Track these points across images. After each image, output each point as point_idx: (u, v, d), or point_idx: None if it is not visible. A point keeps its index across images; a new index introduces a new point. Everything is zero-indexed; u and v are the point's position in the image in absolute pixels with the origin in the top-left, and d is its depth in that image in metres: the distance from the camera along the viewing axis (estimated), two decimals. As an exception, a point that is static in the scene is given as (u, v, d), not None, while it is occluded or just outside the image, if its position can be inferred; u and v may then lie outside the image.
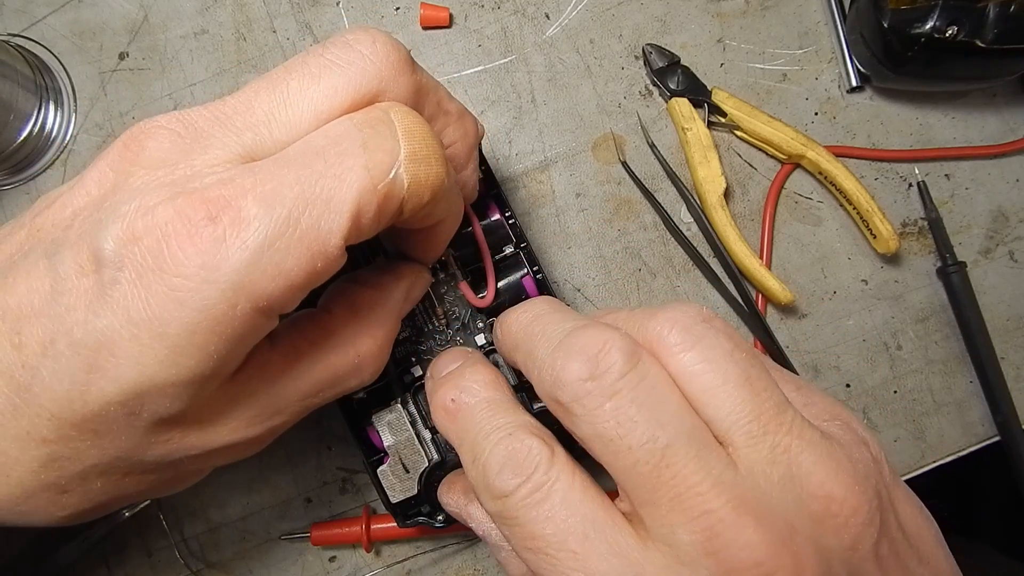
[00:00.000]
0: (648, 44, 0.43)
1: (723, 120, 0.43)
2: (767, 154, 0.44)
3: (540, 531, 0.22)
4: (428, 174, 0.23)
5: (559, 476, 0.22)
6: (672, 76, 0.43)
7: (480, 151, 0.34)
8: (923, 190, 0.43)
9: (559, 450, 0.23)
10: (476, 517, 0.29)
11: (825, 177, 0.43)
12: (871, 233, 0.42)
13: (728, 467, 0.21)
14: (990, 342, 0.43)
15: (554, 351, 0.23)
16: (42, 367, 0.22)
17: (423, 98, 0.26)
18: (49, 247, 0.23)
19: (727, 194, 0.43)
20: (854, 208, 0.42)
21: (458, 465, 0.34)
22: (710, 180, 0.42)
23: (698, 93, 0.43)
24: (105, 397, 0.22)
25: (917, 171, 0.44)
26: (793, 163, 0.43)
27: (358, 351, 0.27)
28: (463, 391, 0.26)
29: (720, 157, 0.43)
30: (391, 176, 0.22)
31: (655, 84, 0.44)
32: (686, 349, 0.22)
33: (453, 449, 0.33)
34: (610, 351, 0.22)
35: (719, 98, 0.43)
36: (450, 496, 0.31)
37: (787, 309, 0.43)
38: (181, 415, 0.23)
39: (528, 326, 0.26)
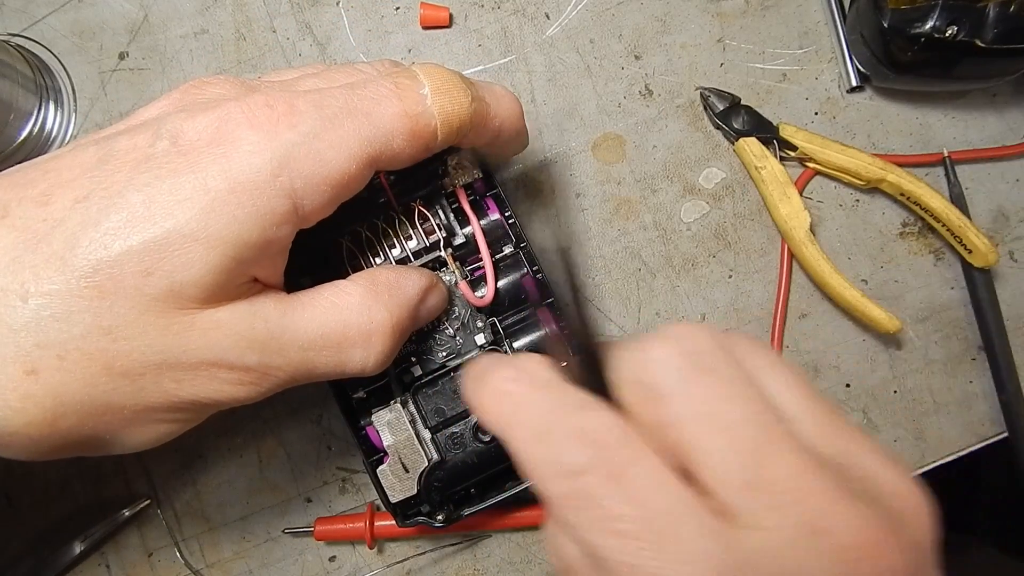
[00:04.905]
0: (703, 88, 0.43)
1: (792, 154, 0.43)
2: (843, 183, 0.43)
3: (623, 512, 0.20)
4: (453, 104, 0.27)
5: (642, 453, 0.20)
6: (736, 117, 0.43)
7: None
8: (948, 166, 0.43)
9: (633, 427, 0.21)
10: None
11: (908, 198, 0.42)
12: (965, 248, 0.41)
13: (817, 456, 0.20)
14: (1006, 339, 0.43)
15: (619, 364, 0.23)
16: (68, 218, 0.23)
17: (480, 118, 0.29)
18: (101, 142, 0.25)
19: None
20: (943, 225, 0.42)
21: (457, 464, 0.34)
22: (794, 216, 0.41)
23: (764, 130, 0.43)
24: (127, 245, 0.23)
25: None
26: (873, 188, 0.43)
27: (371, 317, 0.27)
28: (522, 371, 0.24)
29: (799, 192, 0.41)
30: (420, 110, 0.26)
31: (718, 127, 0.43)
32: (746, 356, 0.23)
33: (453, 448, 0.34)
34: (697, 331, 0.22)
35: (787, 133, 0.42)
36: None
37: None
38: (187, 293, 0.23)
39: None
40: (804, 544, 0.19)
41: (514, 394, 0.23)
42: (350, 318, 0.27)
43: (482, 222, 0.34)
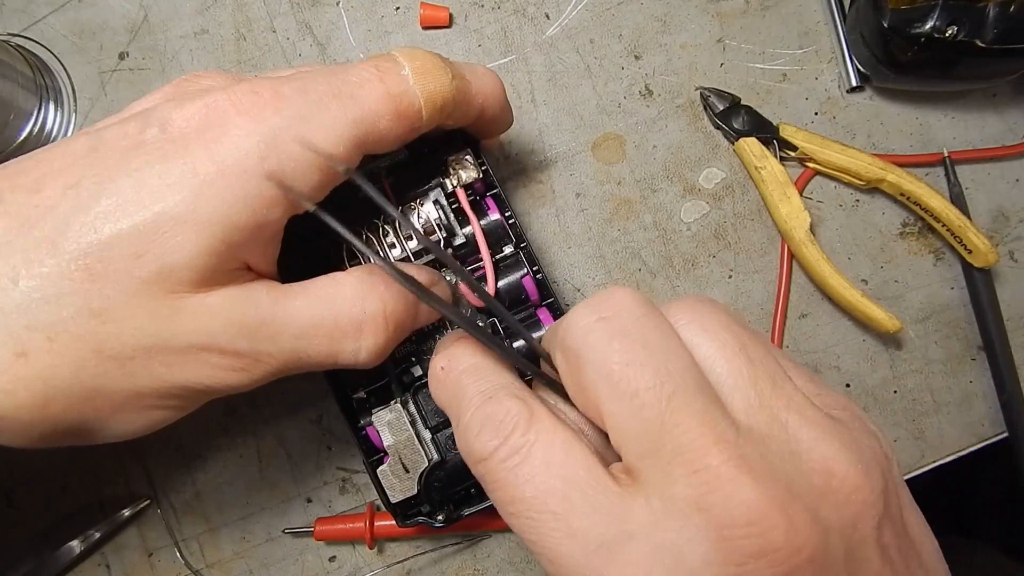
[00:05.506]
0: (703, 88, 0.43)
1: (792, 154, 0.43)
2: (843, 183, 0.43)
3: (520, 494, 0.21)
4: (435, 83, 0.28)
5: (538, 437, 0.22)
6: (736, 117, 0.43)
7: (479, 149, 0.34)
8: (948, 166, 0.43)
9: (540, 410, 0.22)
10: None
11: (908, 198, 0.42)
12: (965, 248, 0.41)
13: (731, 426, 0.20)
14: (1005, 336, 0.43)
15: (555, 330, 0.24)
16: (60, 204, 0.23)
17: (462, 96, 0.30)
18: (92, 133, 0.25)
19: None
20: (943, 225, 0.42)
21: (458, 464, 0.34)
22: (794, 216, 0.41)
23: (764, 130, 0.43)
24: (118, 228, 0.23)
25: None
26: (873, 188, 0.43)
27: (364, 308, 0.27)
28: (451, 358, 0.26)
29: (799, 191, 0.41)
30: (403, 89, 0.27)
31: (718, 127, 0.43)
32: (687, 322, 0.23)
33: (453, 448, 0.34)
34: (623, 295, 0.22)
35: (787, 133, 0.42)
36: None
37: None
38: (177, 276, 0.24)
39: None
40: (687, 519, 0.19)
41: (444, 381, 0.26)
42: (342, 308, 0.27)
43: (482, 222, 0.34)
